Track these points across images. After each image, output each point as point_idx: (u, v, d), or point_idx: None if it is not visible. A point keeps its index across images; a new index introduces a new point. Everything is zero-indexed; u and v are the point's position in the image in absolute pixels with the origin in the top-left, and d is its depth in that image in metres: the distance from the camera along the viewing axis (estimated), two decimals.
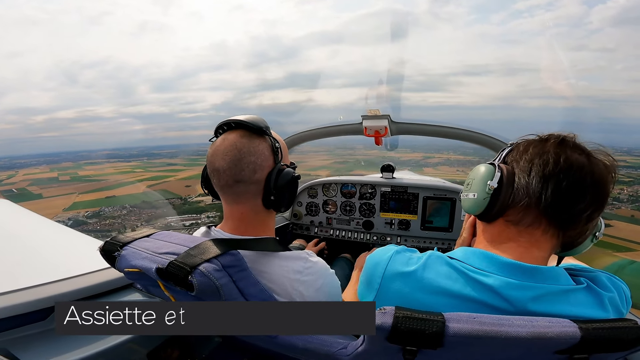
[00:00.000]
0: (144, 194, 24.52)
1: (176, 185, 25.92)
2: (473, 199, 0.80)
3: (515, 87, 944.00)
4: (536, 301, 0.69)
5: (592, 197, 0.70)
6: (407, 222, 2.16)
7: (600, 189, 0.70)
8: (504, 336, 0.58)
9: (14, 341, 0.95)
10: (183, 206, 17.85)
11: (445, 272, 0.75)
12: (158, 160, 34.48)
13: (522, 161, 0.75)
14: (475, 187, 0.79)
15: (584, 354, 0.61)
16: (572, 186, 0.69)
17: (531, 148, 0.76)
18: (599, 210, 0.72)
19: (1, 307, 0.95)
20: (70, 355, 0.94)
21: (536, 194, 0.71)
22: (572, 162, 0.70)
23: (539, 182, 0.71)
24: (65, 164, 37.25)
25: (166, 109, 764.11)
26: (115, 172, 33.28)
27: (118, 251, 0.91)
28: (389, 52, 7.90)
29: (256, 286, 0.86)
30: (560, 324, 0.60)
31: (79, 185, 28.77)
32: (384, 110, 1.85)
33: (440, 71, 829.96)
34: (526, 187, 0.72)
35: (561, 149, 0.72)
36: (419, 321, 0.60)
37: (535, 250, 0.75)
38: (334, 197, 2.29)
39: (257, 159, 0.93)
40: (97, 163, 37.20)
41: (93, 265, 1.19)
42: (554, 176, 0.70)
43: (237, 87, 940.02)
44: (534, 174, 0.72)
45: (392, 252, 0.83)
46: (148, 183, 27.74)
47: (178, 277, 0.76)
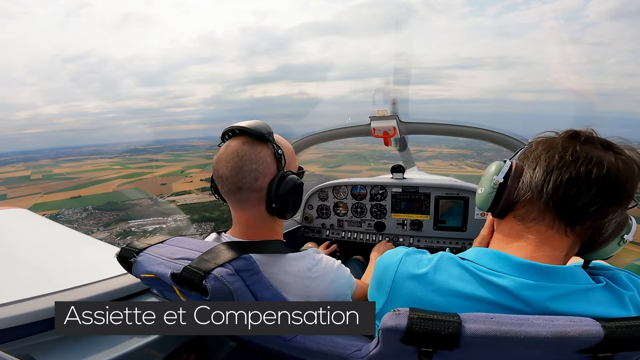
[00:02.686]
0: (112, 194, 23.18)
1: (152, 183, 24.68)
2: (480, 193, 0.82)
3: (508, 80, 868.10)
4: (555, 300, 0.67)
5: (600, 191, 0.67)
6: (420, 223, 2.14)
7: (612, 182, 0.67)
8: (523, 336, 0.57)
9: (36, 347, 0.98)
10: (151, 207, 17.04)
11: (457, 274, 0.74)
12: (141, 156, 32.79)
13: (531, 157, 0.76)
14: (483, 182, 0.82)
15: (608, 352, 0.59)
16: (574, 178, 0.68)
17: (541, 144, 0.76)
18: (612, 206, 0.68)
19: (24, 313, 0.98)
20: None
21: (538, 187, 0.71)
22: (580, 154, 0.69)
23: (542, 176, 0.71)
24: (43, 161, 34.95)
25: (154, 104, 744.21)
26: (92, 169, 31.60)
27: (134, 257, 0.93)
28: (384, 44, 7.88)
29: (269, 289, 0.86)
30: (582, 322, 0.58)
31: (49, 184, 26.95)
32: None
33: (434, 64, 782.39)
34: (530, 181, 0.73)
35: (571, 142, 0.72)
36: (435, 322, 0.59)
37: (548, 249, 0.73)
38: (344, 199, 2.29)
39: (259, 167, 0.93)
40: (77, 160, 35.11)
41: (112, 272, 1.22)
42: (557, 169, 0.70)
43: (227, 80, 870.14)
44: (539, 168, 0.72)
45: (402, 255, 0.82)
46: (123, 181, 26.31)
47: (192, 282, 0.77)
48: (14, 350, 0.91)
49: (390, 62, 2.30)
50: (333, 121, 2.20)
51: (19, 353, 0.91)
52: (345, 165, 19.45)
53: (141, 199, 19.68)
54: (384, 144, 1.95)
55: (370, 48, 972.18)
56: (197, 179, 23.02)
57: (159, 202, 18.35)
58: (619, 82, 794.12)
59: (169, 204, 17.32)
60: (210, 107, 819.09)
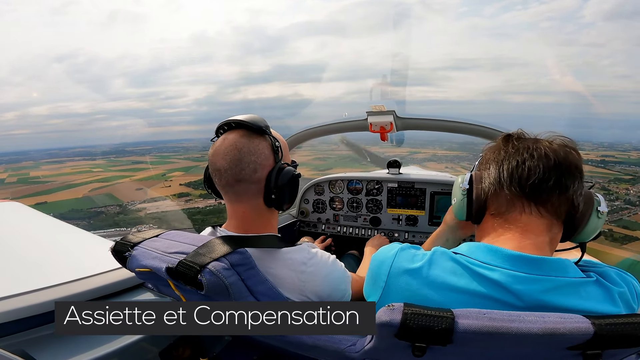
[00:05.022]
0: (80, 200, 22.18)
1: (128, 187, 23.39)
2: (455, 203, 0.93)
3: (502, 82, 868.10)
4: (547, 293, 0.68)
5: (547, 167, 0.75)
6: (415, 218, 2.15)
7: (554, 159, 0.75)
8: (514, 332, 0.58)
9: (30, 342, 0.97)
10: (117, 216, 16.05)
11: (451, 268, 0.75)
12: (126, 158, 31.86)
13: (484, 162, 0.88)
14: (455, 193, 0.94)
15: (597, 349, 0.60)
16: (521, 162, 0.77)
17: (488, 151, 0.89)
18: (567, 179, 0.75)
19: (17, 308, 0.97)
20: (84, 356, 0.96)
21: (497, 179, 0.80)
22: (518, 146, 0.81)
23: (496, 170, 0.81)
24: (25, 163, 34.27)
25: (145, 104, 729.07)
26: (71, 172, 30.62)
27: (129, 251, 0.93)
28: (380, 45, 7.89)
29: (264, 284, 0.87)
30: (572, 319, 0.59)
31: (21, 188, 26.07)
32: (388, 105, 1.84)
33: (429, 65, 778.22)
34: (489, 179, 0.83)
35: (508, 141, 0.84)
36: (428, 317, 0.60)
37: (531, 235, 0.76)
38: (340, 193, 2.29)
39: (258, 158, 0.94)
40: (59, 162, 34.00)
41: (107, 265, 1.21)
42: (506, 160, 0.80)
43: (220, 80, 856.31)
44: (492, 166, 0.83)
45: (397, 250, 0.83)
46: (98, 185, 25.17)
47: (188, 276, 0.77)
48: (8, 346, 0.90)
49: (386, 62, 2.29)
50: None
51: (13, 348, 0.90)
52: (337, 168, 19.39)
53: (109, 206, 18.62)
54: (381, 139, 1.95)
55: (366, 49, 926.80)
56: (176, 184, 22.23)
57: (128, 209, 17.07)
58: (611, 84, 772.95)
59: (138, 212, 16.27)
60: (202, 108, 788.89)
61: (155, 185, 23.64)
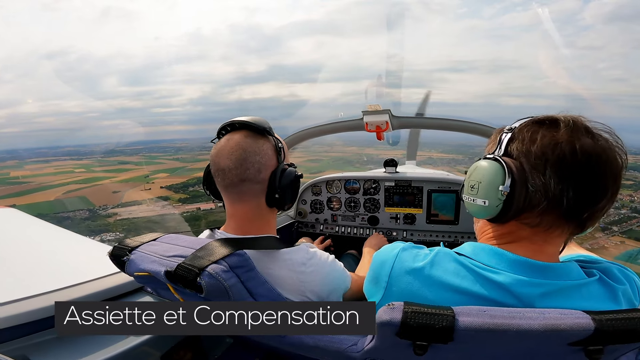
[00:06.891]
0: (51, 203, 21.20)
1: (105, 190, 22.67)
2: (483, 206, 0.73)
3: (498, 84, 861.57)
4: (544, 297, 0.67)
5: (613, 190, 0.66)
6: (413, 216, 2.16)
7: (618, 179, 0.67)
8: (515, 329, 0.58)
9: (31, 347, 0.96)
10: (84, 222, 15.14)
11: (453, 269, 0.74)
12: (114, 158, 31.28)
13: (532, 156, 0.68)
14: (485, 193, 0.72)
15: (599, 345, 0.60)
16: (594, 183, 0.65)
17: (539, 138, 0.68)
18: (614, 200, 0.68)
19: (18, 313, 0.96)
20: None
21: (556, 197, 0.65)
22: (590, 152, 0.64)
23: (558, 184, 0.65)
24: (9, 162, 33.25)
25: (139, 103, 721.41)
26: (53, 172, 29.56)
27: (127, 256, 0.92)
28: (377, 45, 7.88)
29: (264, 285, 0.87)
30: (573, 315, 0.60)
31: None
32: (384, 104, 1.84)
33: (426, 67, 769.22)
34: (544, 190, 0.66)
35: (575, 136, 0.65)
36: (429, 316, 0.60)
37: (549, 247, 0.74)
38: (337, 193, 2.29)
39: (262, 159, 0.95)
40: (44, 162, 33.12)
41: (106, 270, 1.21)
42: (575, 174, 0.64)
43: (215, 80, 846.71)
44: (551, 172, 0.65)
45: (399, 250, 0.82)
46: (75, 187, 24.01)
47: (187, 279, 0.77)
48: (9, 352, 0.90)
49: (382, 64, 2.30)
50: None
51: (14, 354, 0.90)
52: (329, 170, 19.16)
53: (79, 210, 17.39)
54: (377, 138, 1.96)
55: (363, 49, 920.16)
56: (157, 186, 21.77)
57: (97, 214, 16.02)
58: (606, 87, 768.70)
59: (107, 219, 15.37)
60: (197, 108, 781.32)
61: (136, 187, 23.32)
